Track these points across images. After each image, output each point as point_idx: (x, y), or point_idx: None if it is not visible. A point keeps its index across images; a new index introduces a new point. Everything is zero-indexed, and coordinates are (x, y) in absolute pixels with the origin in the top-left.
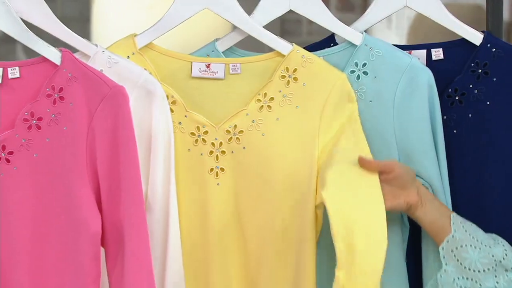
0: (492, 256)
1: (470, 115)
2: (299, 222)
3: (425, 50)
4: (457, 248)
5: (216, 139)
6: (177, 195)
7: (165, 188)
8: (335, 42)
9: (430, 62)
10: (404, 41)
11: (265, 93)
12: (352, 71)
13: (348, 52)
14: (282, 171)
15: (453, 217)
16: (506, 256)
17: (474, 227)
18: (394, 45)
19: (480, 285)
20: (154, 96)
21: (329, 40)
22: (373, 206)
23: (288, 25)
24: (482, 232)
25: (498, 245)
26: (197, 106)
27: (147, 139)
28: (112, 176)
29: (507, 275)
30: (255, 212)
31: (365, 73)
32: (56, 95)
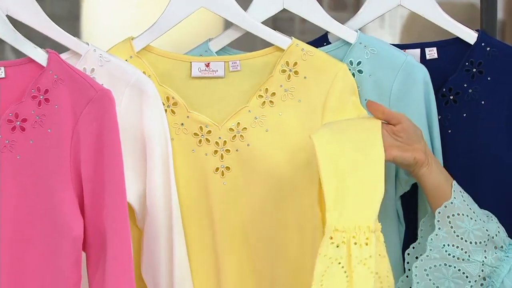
0: (487, 230)
1: (464, 115)
2: (308, 216)
3: (419, 49)
4: (453, 215)
5: (220, 138)
6: (183, 197)
7: (165, 189)
8: (328, 41)
9: (424, 61)
10: (397, 40)
11: (266, 88)
12: None
13: (342, 50)
14: (288, 166)
15: (454, 184)
16: (499, 233)
17: (471, 199)
18: None
19: (469, 256)
20: (146, 95)
21: (322, 39)
22: (369, 148)
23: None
24: (477, 206)
25: (492, 221)
26: (199, 106)
27: (142, 140)
28: (96, 180)
29: (495, 253)
30: (263, 209)
31: (360, 71)
32: (41, 97)
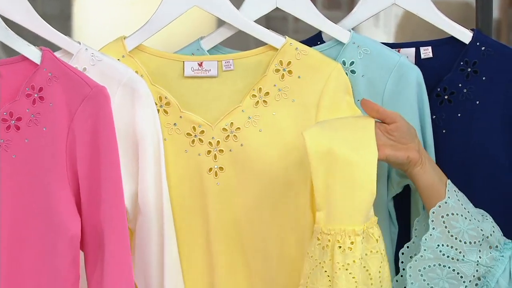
0: (481, 230)
1: (459, 115)
2: (301, 216)
3: (413, 48)
4: (447, 215)
5: (213, 138)
6: (176, 197)
7: (157, 188)
8: (322, 40)
9: (419, 60)
10: (391, 39)
11: (260, 88)
12: None
13: (335, 50)
14: (282, 166)
15: (449, 184)
16: (493, 233)
17: (466, 199)
18: (383, 43)
19: (463, 256)
20: (138, 95)
21: (316, 38)
22: (362, 147)
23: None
24: (472, 205)
25: (487, 221)
26: (192, 106)
27: (134, 139)
28: (92, 178)
29: (490, 252)
30: (256, 209)
31: (352, 71)
32: (36, 95)
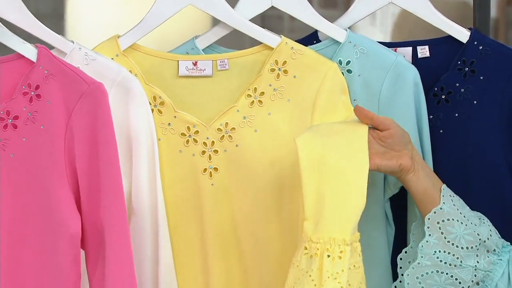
0: (478, 234)
1: (456, 115)
2: (297, 217)
3: (410, 48)
4: (443, 221)
5: (207, 138)
6: (171, 197)
7: (151, 189)
8: (318, 39)
9: (416, 60)
10: (388, 38)
11: (255, 88)
12: None
13: (331, 49)
14: (277, 167)
15: (444, 189)
16: (491, 236)
17: (462, 203)
18: (380, 42)
19: (461, 262)
20: (132, 94)
21: (312, 37)
22: (354, 156)
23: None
24: (469, 209)
25: (484, 224)
26: (186, 105)
27: (128, 139)
28: (92, 175)
29: (488, 256)
30: (251, 210)
31: (349, 71)
32: (33, 93)
